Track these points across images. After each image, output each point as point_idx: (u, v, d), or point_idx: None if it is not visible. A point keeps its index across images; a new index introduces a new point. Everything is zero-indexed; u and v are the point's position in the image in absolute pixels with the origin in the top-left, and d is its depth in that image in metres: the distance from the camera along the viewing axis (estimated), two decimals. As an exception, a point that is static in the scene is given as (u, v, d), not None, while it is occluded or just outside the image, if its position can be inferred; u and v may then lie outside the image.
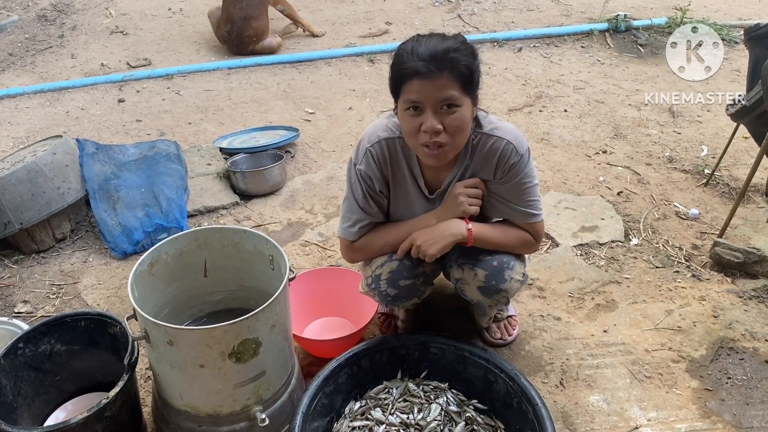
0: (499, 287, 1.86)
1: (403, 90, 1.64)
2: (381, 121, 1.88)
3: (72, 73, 4.65)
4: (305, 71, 4.68)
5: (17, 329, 2.12)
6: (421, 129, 1.63)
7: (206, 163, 3.33)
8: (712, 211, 3.03)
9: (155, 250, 1.84)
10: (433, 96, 1.60)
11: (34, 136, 3.75)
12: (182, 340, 1.59)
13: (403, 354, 1.97)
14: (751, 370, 2.15)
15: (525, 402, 1.75)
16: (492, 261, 1.87)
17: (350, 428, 1.83)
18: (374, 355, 1.91)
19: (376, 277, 1.92)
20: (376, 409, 1.87)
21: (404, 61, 1.61)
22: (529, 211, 1.86)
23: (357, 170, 1.85)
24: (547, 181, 3.27)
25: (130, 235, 2.75)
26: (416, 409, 1.86)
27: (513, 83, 4.47)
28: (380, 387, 1.95)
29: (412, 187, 1.89)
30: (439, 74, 1.58)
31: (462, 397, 1.94)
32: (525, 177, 1.82)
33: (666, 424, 1.97)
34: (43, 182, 2.69)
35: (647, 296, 2.49)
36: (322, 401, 1.80)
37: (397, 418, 1.84)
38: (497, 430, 1.85)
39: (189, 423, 1.77)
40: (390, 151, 1.84)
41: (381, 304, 2.01)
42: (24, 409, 1.80)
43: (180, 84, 4.47)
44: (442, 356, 1.95)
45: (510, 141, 1.78)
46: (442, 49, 1.58)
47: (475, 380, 1.92)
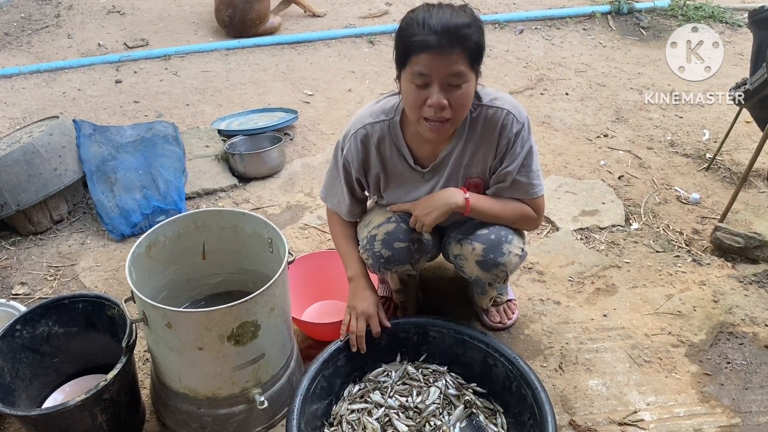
0: (497, 261, 1.85)
1: (410, 61, 1.60)
2: (368, 107, 1.89)
3: (68, 53, 4.61)
4: (304, 52, 4.64)
5: (15, 311, 2.11)
6: (426, 103, 1.62)
7: (204, 145, 3.31)
8: (713, 196, 3.02)
9: (153, 232, 1.83)
10: (443, 71, 1.57)
11: (30, 117, 3.72)
12: (181, 322, 1.58)
13: (402, 337, 1.96)
14: (751, 355, 2.15)
15: (524, 386, 1.75)
16: (490, 235, 1.86)
17: (349, 411, 1.83)
18: (374, 338, 1.91)
19: (371, 238, 1.92)
20: (375, 392, 1.87)
21: (414, 33, 1.57)
22: (531, 182, 1.85)
23: (341, 156, 1.90)
24: (548, 164, 3.25)
25: (127, 217, 2.74)
26: (415, 392, 1.86)
27: (514, 65, 4.44)
28: (379, 370, 1.95)
29: (403, 166, 1.89)
30: (451, 50, 1.55)
31: (461, 380, 1.94)
32: (526, 146, 1.82)
33: (665, 408, 1.97)
34: (39, 163, 2.67)
35: (647, 281, 2.49)
36: (321, 384, 1.80)
37: (396, 401, 1.84)
38: (496, 413, 1.86)
39: (187, 405, 1.77)
40: (374, 135, 1.84)
41: (374, 269, 1.97)
42: (22, 391, 1.79)
43: (178, 65, 4.43)
44: (441, 340, 1.95)
45: (510, 110, 1.77)
46: (454, 24, 1.54)
47: (474, 364, 1.92)
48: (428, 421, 1.80)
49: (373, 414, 1.81)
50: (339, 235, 2.04)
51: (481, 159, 1.85)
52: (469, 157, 1.85)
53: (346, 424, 1.79)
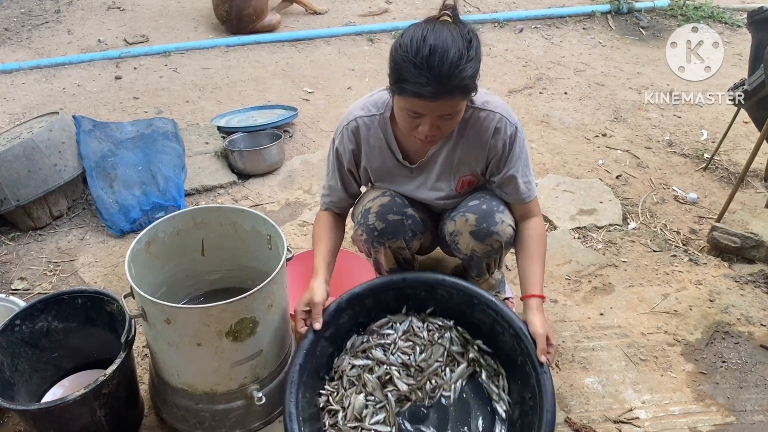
0: (490, 230, 1.85)
1: (403, 98, 1.57)
2: (361, 101, 1.90)
3: (68, 49, 4.61)
4: (304, 50, 4.64)
5: (14, 306, 2.12)
6: (417, 129, 1.63)
7: (204, 142, 3.31)
8: (711, 196, 3.03)
9: (152, 228, 1.83)
10: (436, 112, 1.57)
11: (30, 113, 3.72)
12: (179, 318, 1.59)
13: (409, 293, 1.89)
14: (746, 354, 2.16)
15: (530, 365, 1.69)
16: (481, 205, 1.88)
17: (350, 365, 1.80)
18: (379, 294, 1.84)
19: (365, 212, 1.93)
20: (377, 349, 1.83)
21: (407, 78, 1.51)
22: (530, 183, 1.87)
23: (334, 148, 1.91)
24: (546, 163, 3.26)
25: (127, 213, 2.74)
26: (418, 350, 1.82)
27: (513, 64, 4.44)
28: (384, 320, 1.89)
29: (392, 161, 1.91)
30: (446, 97, 1.53)
31: (467, 335, 1.88)
32: (525, 148, 1.84)
33: (660, 406, 1.98)
34: (39, 159, 2.67)
35: (644, 280, 2.50)
36: (321, 344, 1.77)
37: (399, 359, 1.80)
38: (499, 375, 1.82)
39: (186, 401, 1.78)
40: (365, 129, 1.85)
41: (368, 245, 1.97)
42: (21, 385, 1.80)
43: (178, 61, 4.43)
44: (449, 298, 1.87)
45: (502, 114, 1.78)
46: (448, 67, 1.47)
47: (482, 326, 1.85)
48: (429, 379, 1.78)
49: (374, 372, 1.78)
50: (319, 230, 1.96)
51: (472, 159, 1.86)
52: (460, 157, 1.86)
53: (347, 380, 1.78)
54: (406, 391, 1.77)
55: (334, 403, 1.76)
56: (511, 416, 1.76)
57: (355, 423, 1.71)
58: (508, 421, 1.76)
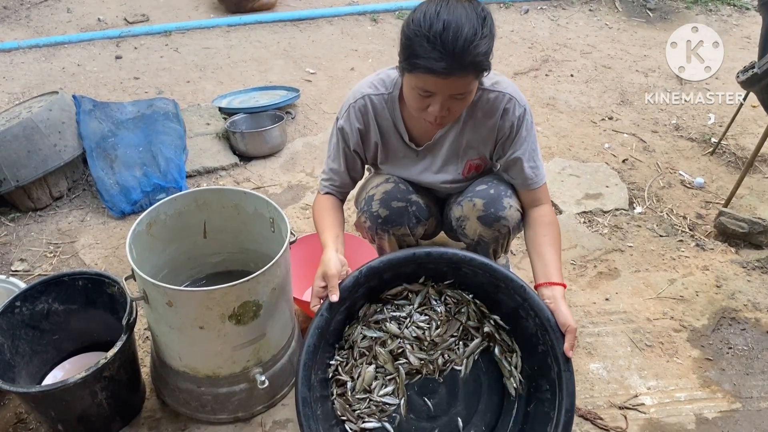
0: (498, 215, 1.82)
1: (415, 75, 1.52)
2: (369, 79, 1.84)
3: (68, 28, 4.55)
4: (306, 30, 4.58)
5: (14, 287, 2.10)
6: (428, 109, 1.58)
7: (205, 123, 3.28)
8: (718, 181, 3.00)
9: (153, 210, 1.81)
10: (448, 90, 1.52)
11: (29, 92, 3.68)
12: (181, 301, 1.57)
13: (431, 267, 1.74)
14: (753, 341, 2.15)
15: (552, 357, 1.60)
16: (489, 190, 1.84)
17: (362, 336, 1.72)
18: (399, 269, 1.70)
19: (369, 198, 1.90)
20: (392, 322, 1.73)
21: (419, 53, 1.45)
22: (538, 167, 1.82)
23: (337, 126, 1.86)
24: (551, 147, 3.23)
25: (128, 194, 2.72)
26: (434, 326, 1.74)
27: (519, 46, 4.39)
28: (399, 288, 1.75)
29: (398, 142, 1.87)
30: (459, 74, 1.48)
31: (484, 308, 1.77)
32: (532, 131, 1.80)
33: (666, 392, 1.97)
34: (39, 139, 2.64)
35: (650, 265, 2.48)
36: (337, 319, 1.68)
37: (413, 332, 1.72)
38: (514, 353, 1.73)
39: (188, 384, 1.76)
40: (373, 107, 1.81)
41: (372, 232, 1.93)
42: (22, 367, 1.79)
43: (178, 41, 4.37)
44: (473, 277, 1.72)
45: (512, 95, 1.75)
46: (463, 43, 1.42)
47: (503, 307, 1.74)
48: (442, 353, 1.73)
49: (387, 345, 1.72)
50: (320, 210, 1.90)
51: (480, 142, 1.83)
52: (468, 140, 1.83)
53: (358, 351, 1.71)
54: (417, 366, 1.73)
55: (344, 374, 1.72)
56: (522, 399, 1.72)
57: (363, 394, 1.70)
58: (519, 403, 1.72)
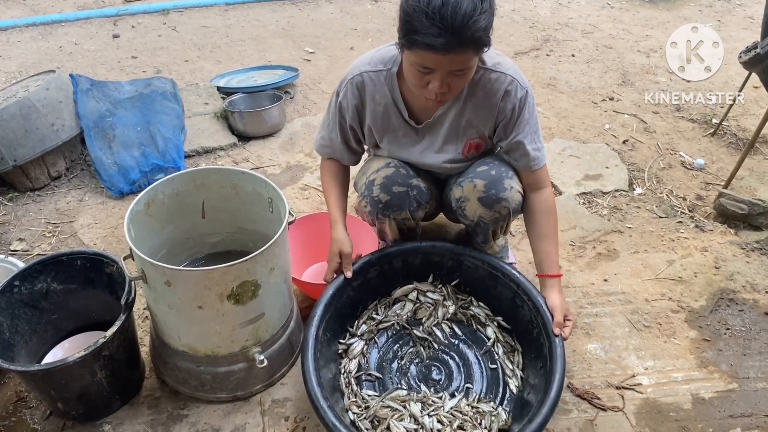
0: (499, 196, 1.82)
1: (414, 51, 1.50)
2: (368, 55, 1.83)
3: (65, 6, 4.51)
4: (305, 8, 4.54)
5: (13, 267, 2.10)
6: (428, 86, 1.57)
7: (203, 103, 3.26)
8: (718, 162, 2.99)
9: (152, 189, 1.80)
10: (448, 66, 1.50)
11: (26, 71, 3.65)
12: (180, 281, 1.57)
13: (436, 261, 1.99)
14: (750, 322, 2.15)
15: (544, 335, 1.75)
16: (490, 171, 1.84)
17: (381, 404, 1.76)
18: (407, 257, 1.93)
19: (369, 183, 1.90)
20: (417, 403, 1.77)
21: (418, 29, 1.43)
22: (539, 149, 1.82)
23: (337, 101, 1.86)
24: (552, 127, 3.21)
25: (126, 174, 2.71)
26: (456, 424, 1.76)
27: (520, 25, 4.35)
28: (409, 287, 2.00)
29: (398, 120, 1.85)
30: (459, 50, 1.45)
31: (488, 311, 1.99)
32: (534, 113, 1.79)
33: (663, 373, 1.98)
34: (36, 118, 2.62)
35: (649, 246, 2.48)
36: (348, 293, 1.87)
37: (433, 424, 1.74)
38: (515, 351, 1.90)
39: (187, 363, 1.77)
40: (373, 83, 1.79)
41: (372, 216, 1.95)
42: (21, 346, 1.79)
43: (176, 20, 4.33)
44: (474, 270, 1.97)
45: (513, 77, 1.73)
46: (462, 18, 1.39)
47: (503, 301, 1.94)
48: None
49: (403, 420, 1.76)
50: (327, 179, 2.00)
51: (480, 121, 1.81)
52: (468, 118, 1.81)
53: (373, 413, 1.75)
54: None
55: None
56: (522, 391, 1.82)
57: None
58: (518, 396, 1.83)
